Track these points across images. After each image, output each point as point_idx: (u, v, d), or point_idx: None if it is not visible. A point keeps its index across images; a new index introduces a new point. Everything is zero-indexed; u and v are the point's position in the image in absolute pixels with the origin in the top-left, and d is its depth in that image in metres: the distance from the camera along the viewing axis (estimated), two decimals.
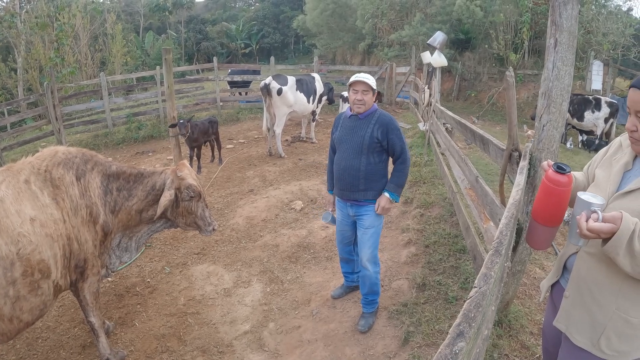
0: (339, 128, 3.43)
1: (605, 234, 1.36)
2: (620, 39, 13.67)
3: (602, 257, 1.56)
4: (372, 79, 3.27)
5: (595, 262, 1.60)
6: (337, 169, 3.37)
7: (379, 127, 3.21)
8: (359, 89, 3.22)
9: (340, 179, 3.35)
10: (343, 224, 3.58)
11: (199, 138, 7.47)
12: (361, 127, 3.26)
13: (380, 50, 19.29)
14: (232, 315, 3.79)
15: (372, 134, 3.21)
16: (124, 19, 29.47)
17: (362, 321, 3.48)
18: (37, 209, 2.63)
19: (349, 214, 3.45)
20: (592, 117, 10.38)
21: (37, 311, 2.63)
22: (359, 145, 3.23)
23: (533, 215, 1.78)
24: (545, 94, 2.46)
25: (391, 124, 3.23)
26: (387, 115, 3.28)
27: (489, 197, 3.10)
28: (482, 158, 7.47)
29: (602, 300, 1.58)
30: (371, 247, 3.38)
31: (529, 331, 3.05)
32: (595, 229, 1.36)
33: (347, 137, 3.31)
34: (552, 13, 2.32)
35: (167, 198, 3.18)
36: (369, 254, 3.38)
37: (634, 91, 1.49)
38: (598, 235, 1.38)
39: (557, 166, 1.67)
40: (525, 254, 2.83)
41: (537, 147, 2.56)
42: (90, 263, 2.96)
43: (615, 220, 1.36)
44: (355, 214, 3.40)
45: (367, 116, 3.29)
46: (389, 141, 3.22)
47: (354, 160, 3.26)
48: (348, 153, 3.29)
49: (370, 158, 3.24)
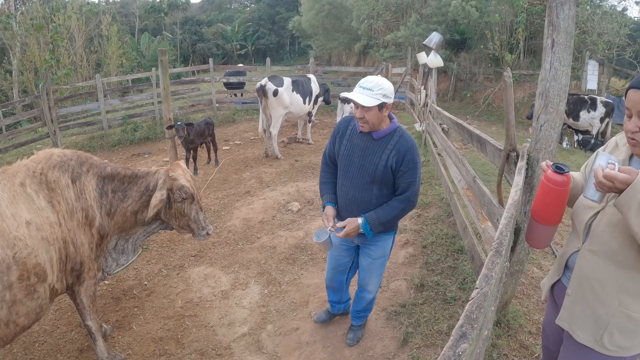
0: (345, 142, 2.80)
1: (620, 182, 1.39)
2: (615, 38, 13.73)
3: (604, 254, 1.59)
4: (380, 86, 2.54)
5: (598, 260, 1.62)
6: (343, 197, 2.81)
7: (395, 155, 2.61)
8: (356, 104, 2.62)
9: (346, 209, 2.82)
10: (341, 249, 3.07)
11: (195, 140, 7.45)
12: (375, 151, 2.66)
13: (376, 51, 19.32)
14: (230, 318, 3.78)
15: (388, 162, 2.62)
16: (120, 20, 29.39)
17: (350, 334, 3.33)
18: (33, 212, 2.61)
19: (352, 240, 2.98)
20: (587, 116, 10.41)
21: (33, 315, 2.61)
22: (371, 174, 2.66)
23: (532, 214, 1.81)
24: (542, 94, 2.47)
25: (409, 153, 2.61)
26: (408, 141, 2.65)
27: (487, 197, 3.10)
28: (478, 158, 7.48)
29: (604, 297, 1.60)
30: (379, 276, 3.05)
31: (527, 330, 3.05)
32: (611, 175, 1.40)
33: (357, 159, 2.72)
34: (549, 14, 2.32)
35: (157, 199, 3.10)
36: (376, 283, 3.06)
37: (635, 92, 1.49)
38: (612, 184, 1.40)
39: (556, 166, 1.69)
40: (524, 254, 2.83)
41: (534, 147, 2.57)
42: (86, 266, 2.94)
43: (632, 172, 1.39)
44: (362, 243, 2.96)
45: (383, 137, 2.67)
46: (399, 172, 2.63)
47: (364, 192, 2.71)
48: (357, 181, 2.72)
49: (383, 190, 2.70)
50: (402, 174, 2.62)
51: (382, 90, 2.53)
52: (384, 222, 2.68)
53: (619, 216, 1.54)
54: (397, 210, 2.67)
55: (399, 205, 2.67)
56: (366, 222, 2.67)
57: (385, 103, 2.55)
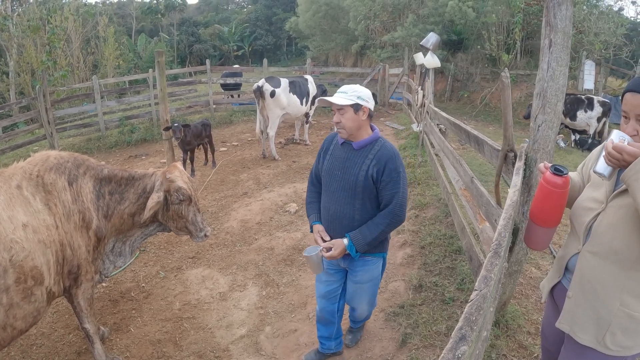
0: (327, 157, 2.68)
1: (629, 154, 1.43)
2: (611, 38, 13.78)
3: (605, 255, 1.59)
4: (355, 90, 2.49)
5: (599, 261, 1.62)
6: (325, 213, 2.66)
7: (376, 164, 2.47)
8: (334, 108, 2.51)
9: (328, 226, 2.66)
10: (329, 274, 2.86)
11: (192, 141, 7.44)
12: (355, 161, 2.52)
13: (373, 51, 19.33)
14: (228, 320, 3.77)
15: (368, 172, 2.47)
16: (116, 21, 29.39)
17: (349, 335, 3.27)
18: (30, 214, 2.60)
19: (339, 263, 2.78)
20: (584, 116, 10.44)
21: (30, 318, 2.59)
22: (352, 186, 2.50)
23: (531, 216, 1.81)
24: (540, 94, 2.47)
25: (391, 161, 2.46)
26: (389, 150, 2.51)
27: (485, 197, 3.09)
28: (476, 158, 7.49)
29: (606, 297, 1.61)
30: (371, 301, 2.89)
31: (526, 331, 3.05)
32: (620, 147, 1.44)
33: (338, 172, 2.57)
34: (547, 14, 2.33)
35: (154, 200, 3.10)
36: (367, 309, 2.93)
37: (633, 95, 1.50)
38: (621, 156, 1.44)
39: (555, 168, 1.70)
40: (522, 254, 2.83)
41: (532, 148, 2.56)
42: (83, 269, 2.93)
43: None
44: (348, 266, 2.77)
45: (363, 147, 2.54)
46: (381, 182, 2.47)
47: (346, 207, 2.54)
48: (338, 195, 2.56)
49: (365, 204, 2.53)
50: (384, 185, 2.47)
51: (357, 92, 2.46)
52: (370, 240, 2.50)
53: (619, 216, 1.55)
54: (382, 226, 2.48)
55: (384, 220, 2.49)
56: (351, 242, 2.51)
57: (361, 105, 2.46)
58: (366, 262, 2.68)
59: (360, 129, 2.52)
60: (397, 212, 2.47)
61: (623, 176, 1.45)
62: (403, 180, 2.50)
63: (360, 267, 2.70)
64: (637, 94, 1.49)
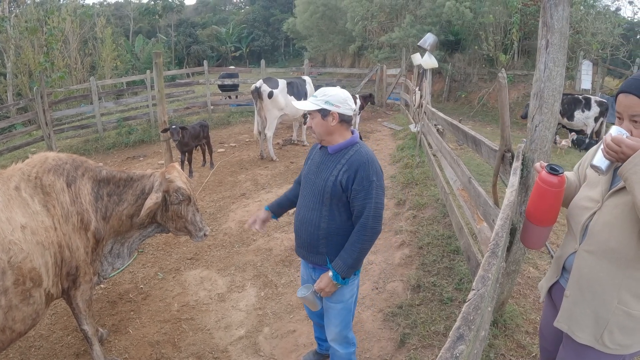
0: (308, 162, 2.58)
1: (627, 146, 1.44)
2: (609, 38, 13.82)
3: (602, 254, 1.60)
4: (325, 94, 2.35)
5: (596, 260, 1.63)
6: (296, 217, 2.55)
7: (347, 170, 2.28)
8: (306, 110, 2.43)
9: (296, 234, 2.55)
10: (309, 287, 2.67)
11: (189, 142, 7.44)
12: (328, 166, 2.36)
13: (371, 52, 19.37)
14: (226, 321, 3.77)
15: (337, 178, 2.29)
16: (114, 22, 29.39)
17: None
18: (28, 216, 2.60)
19: (312, 277, 2.60)
20: (582, 116, 10.47)
21: (29, 320, 2.59)
22: (320, 192, 2.35)
23: (527, 215, 1.82)
24: (537, 94, 2.48)
25: (363, 168, 2.26)
26: (363, 155, 2.31)
27: (482, 197, 3.11)
28: (473, 158, 7.51)
29: (604, 295, 1.62)
30: (339, 326, 2.55)
31: (524, 330, 3.06)
32: (619, 139, 1.46)
33: (312, 176, 2.44)
34: (544, 14, 2.34)
35: (153, 200, 3.08)
36: (336, 333, 2.58)
37: (626, 96, 1.51)
38: (620, 148, 1.46)
39: (550, 167, 1.71)
40: (520, 254, 2.84)
41: (529, 148, 2.58)
42: (82, 270, 2.93)
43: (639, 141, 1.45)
44: None
45: (338, 152, 2.37)
46: (351, 191, 2.27)
47: (312, 212, 2.39)
48: (308, 200, 2.44)
49: (334, 212, 2.35)
50: (355, 194, 2.26)
51: (326, 97, 2.32)
52: (352, 263, 2.30)
53: (615, 215, 1.56)
54: (358, 244, 2.28)
55: (358, 237, 2.28)
56: (334, 272, 2.32)
57: (329, 111, 2.30)
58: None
59: (331, 134, 2.37)
60: (369, 224, 2.26)
61: (621, 170, 1.46)
62: (377, 189, 2.27)
63: None
64: (629, 95, 1.50)
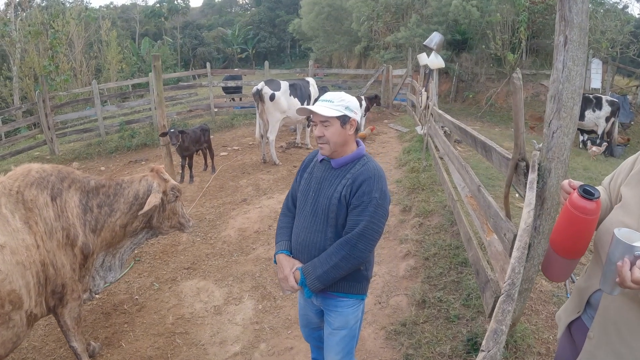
0: (305, 176, 2.30)
1: None
2: (618, 36, 13.56)
3: (634, 294, 1.36)
4: (342, 98, 2.12)
5: (627, 301, 1.40)
6: (295, 240, 2.25)
7: (350, 184, 2.06)
8: (316, 119, 2.13)
9: (297, 257, 2.24)
10: (306, 308, 2.46)
11: (190, 147, 7.28)
12: (332, 182, 2.13)
13: (377, 52, 19.18)
14: (222, 335, 3.60)
15: (342, 193, 2.07)
16: (120, 25, 29.49)
17: None
18: (7, 234, 2.45)
19: (312, 300, 2.34)
20: (593, 116, 10.21)
21: (9, 344, 2.45)
22: (324, 211, 2.11)
23: (552, 244, 1.55)
24: (554, 97, 2.20)
25: (367, 183, 2.04)
26: (371, 170, 2.10)
27: (493, 209, 2.89)
28: (482, 161, 7.28)
29: (632, 341, 1.39)
30: (340, 354, 2.28)
31: (536, 351, 2.86)
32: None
33: (313, 193, 2.19)
34: (561, 8, 2.06)
35: (157, 199, 3.08)
36: None
37: None
38: None
39: (584, 189, 1.39)
40: (533, 271, 2.62)
41: (546, 156, 2.29)
42: (69, 288, 2.79)
43: None
44: (322, 305, 2.31)
45: (343, 166, 2.15)
46: (350, 205, 2.06)
47: (316, 235, 2.13)
48: (309, 220, 2.17)
49: (340, 233, 2.10)
50: (352, 208, 2.04)
51: (344, 102, 2.09)
52: (321, 274, 2.04)
53: None
54: (335, 257, 2.02)
55: (338, 250, 2.03)
56: (302, 275, 2.10)
57: (349, 117, 2.09)
58: (338, 302, 2.22)
59: (345, 144, 2.14)
60: (355, 243, 2.01)
61: None
62: (377, 208, 2.03)
63: (332, 307, 2.24)
64: None
